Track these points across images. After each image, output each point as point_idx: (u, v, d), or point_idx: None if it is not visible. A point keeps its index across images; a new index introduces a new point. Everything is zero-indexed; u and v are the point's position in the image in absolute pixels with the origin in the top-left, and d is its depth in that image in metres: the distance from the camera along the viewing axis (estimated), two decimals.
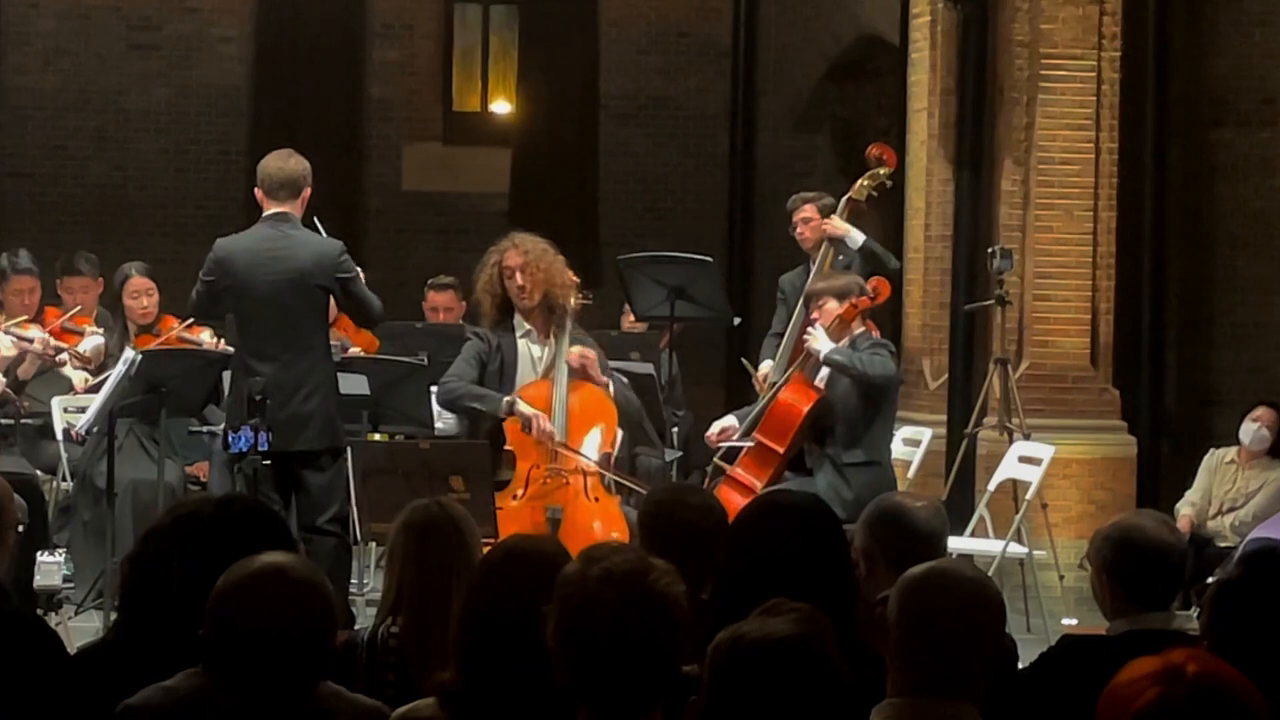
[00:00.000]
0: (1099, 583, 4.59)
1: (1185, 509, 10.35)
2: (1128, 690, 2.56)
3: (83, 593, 9.00)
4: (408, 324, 10.53)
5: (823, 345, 8.71)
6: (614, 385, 8.32)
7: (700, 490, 5.54)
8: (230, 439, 7.49)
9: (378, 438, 8.99)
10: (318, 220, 8.61)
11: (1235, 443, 10.52)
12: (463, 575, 4.18)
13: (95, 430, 8.77)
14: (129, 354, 8.74)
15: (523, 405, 8.08)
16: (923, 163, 11.33)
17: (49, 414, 9.74)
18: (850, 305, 8.80)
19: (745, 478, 8.69)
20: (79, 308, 10.16)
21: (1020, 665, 4.63)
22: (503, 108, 16.17)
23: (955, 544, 8.84)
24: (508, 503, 7.94)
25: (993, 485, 9.94)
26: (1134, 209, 11.82)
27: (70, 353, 9.72)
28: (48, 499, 9.39)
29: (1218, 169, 12.82)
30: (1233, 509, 10.33)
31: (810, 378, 8.88)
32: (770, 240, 14.13)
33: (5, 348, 9.51)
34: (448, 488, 7.45)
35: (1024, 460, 9.84)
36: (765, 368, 9.70)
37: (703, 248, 11.42)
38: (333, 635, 3.56)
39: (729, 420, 9.07)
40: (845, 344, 8.73)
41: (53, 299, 10.34)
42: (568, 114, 15.49)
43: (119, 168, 15.39)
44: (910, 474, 9.99)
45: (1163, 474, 12.11)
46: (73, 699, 3.59)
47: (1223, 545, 10.04)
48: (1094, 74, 10.85)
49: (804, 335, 8.90)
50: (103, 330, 10.05)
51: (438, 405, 8.74)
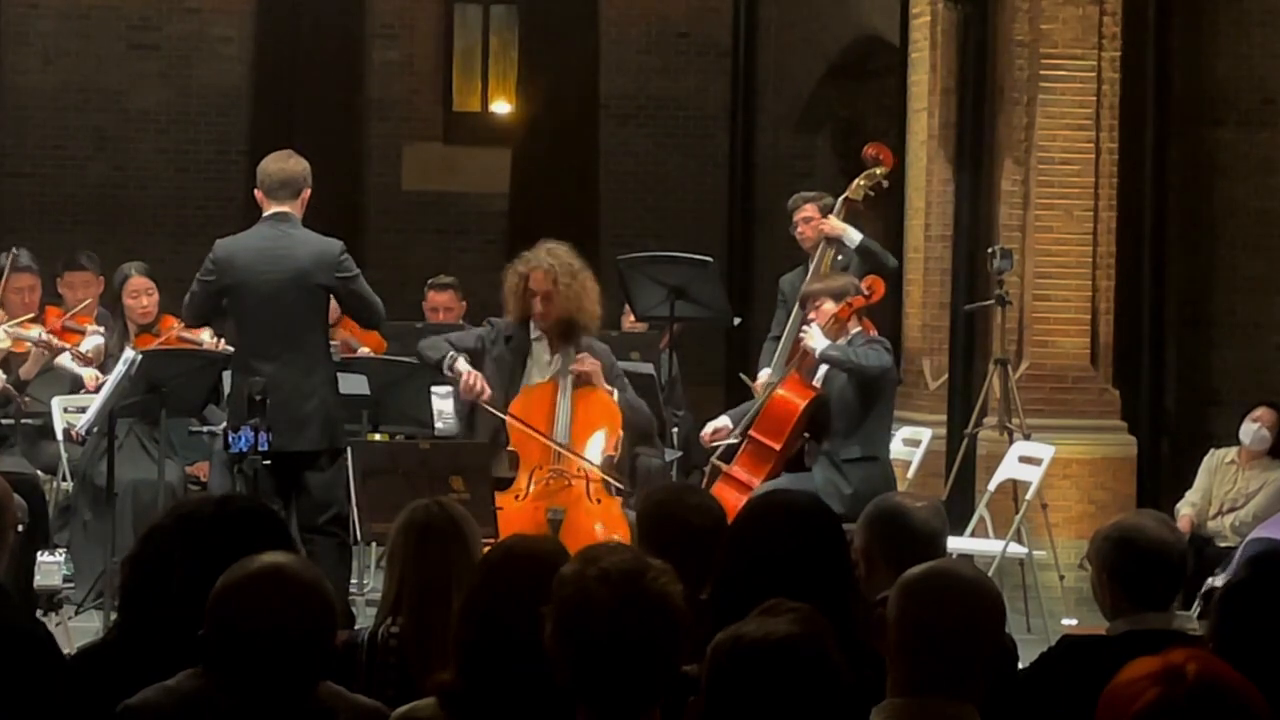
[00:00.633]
0: (1099, 583, 4.59)
1: (1185, 509, 10.35)
2: (1128, 690, 2.56)
3: (83, 593, 9.00)
4: (408, 324, 10.52)
5: (818, 343, 8.72)
6: (621, 395, 8.28)
7: (699, 490, 5.54)
8: (230, 439, 7.48)
9: (378, 438, 9.00)
10: None
11: (1235, 443, 10.52)
12: (463, 575, 4.17)
13: (95, 430, 8.77)
14: (129, 354, 8.73)
15: (461, 363, 8.13)
16: (923, 163, 11.32)
17: (49, 414, 9.74)
18: (846, 304, 8.81)
19: (742, 475, 8.69)
20: (83, 304, 10.14)
21: (1020, 665, 4.63)
22: (503, 108, 16.17)
23: (955, 544, 8.83)
24: (510, 503, 7.93)
25: (993, 485, 9.94)
26: (1134, 209, 11.82)
27: (72, 353, 9.71)
28: (48, 499, 9.39)
29: (1218, 169, 12.81)
30: (1233, 509, 10.32)
31: (807, 377, 8.89)
32: (770, 240, 14.13)
33: (1, 339, 9.51)
34: (448, 488, 7.44)
35: (1024, 460, 9.83)
36: (764, 377, 9.66)
37: (703, 248, 11.40)
38: (333, 635, 3.56)
39: (722, 420, 9.05)
40: (842, 342, 8.75)
41: (53, 298, 10.33)
42: (568, 114, 15.47)
43: (119, 168, 15.40)
44: (910, 474, 9.98)
45: (1163, 474, 12.10)
46: (73, 699, 3.60)
47: (1223, 545, 10.03)
48: (1094, 74, 10.85)
49: (799, 333, 8.91)
50: (103, 329, 10.05)
51: (446, 401, 8.74)
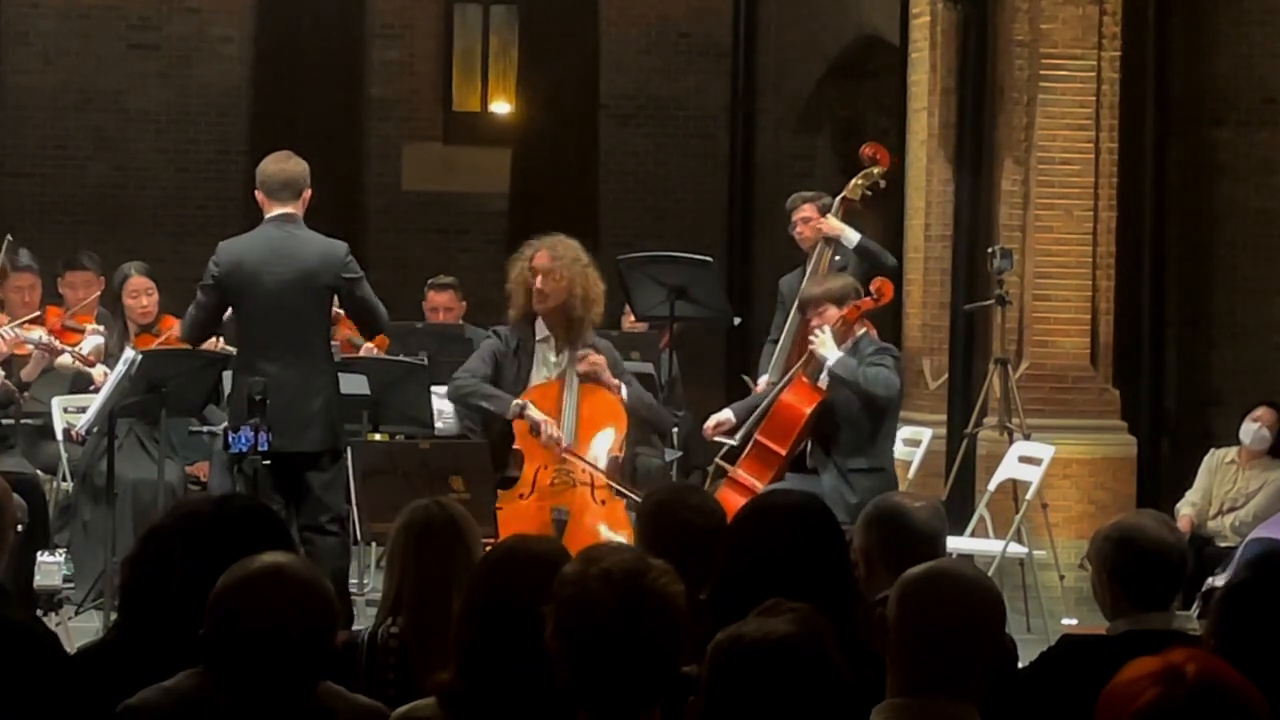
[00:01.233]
0: (1099, 582, 4.59)
1: (1185, 509, 10.35)
2: (1128, 690, 2.56)
3: (83, 593, 8.99)
4: (408, 324, 10.51)
5: (830, 354, 8.66)
6: (626, 390, 8.27)
7: (699, 490, 5.54)
8: (231, 439, 7.47)
9: (378, 438, 8.99)
10: None
11: (1235, 443, 10.51)
12: (463, 575, 4.17)
13: (95, 430, 8.77)
14: (129, 354, 8.73)
15: (532, 410, 8.02)
16: (923, 163, 11.32)
17: (49, 414, 9.74)
18: (853, 307, 8.78)
19: (747, 479, 8.67)
20: (85, 302, 10.13)
21: (1020, 665, 4.63)
22: (503, 108, 16.16)
23: (955, 544, 8.83)
24: (514, 502, 7.92)
25: (993, 485, 9.94)
26: (1134, 209, 11.82)
27: (73, 353, 9.70)
28: (48, 499, 9.39)
29: (1218, 169, 12.81)
30: (1233, 509, 10.32)
31: (813, 379, 8.87)
32: (770, 240, 14.12)
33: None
34: (448, 488, 7.44)
35: (1024, 460, 9.83)
36: (764, 382, 9.64)
37: (703, 248, 11.41)
38: (333, 635, 3.56)
39: (725, 414, 9.03)
40: (848, 347, 8.71)
41: (53, 298, 10.33)
42: (568, 114, 15.47)
43: (119, 168, 15.40)
44: (910, 474, 9.98)
45: (1163, 474, 12.11)
46: (73, 699, 3.59)
47: (1223, 545, 10.03)
48: (1094, 74, 10.85)
49: (809, 338, 8.85)
50: (103, 329, 10.04)
51: (446, 401, 8.72)
